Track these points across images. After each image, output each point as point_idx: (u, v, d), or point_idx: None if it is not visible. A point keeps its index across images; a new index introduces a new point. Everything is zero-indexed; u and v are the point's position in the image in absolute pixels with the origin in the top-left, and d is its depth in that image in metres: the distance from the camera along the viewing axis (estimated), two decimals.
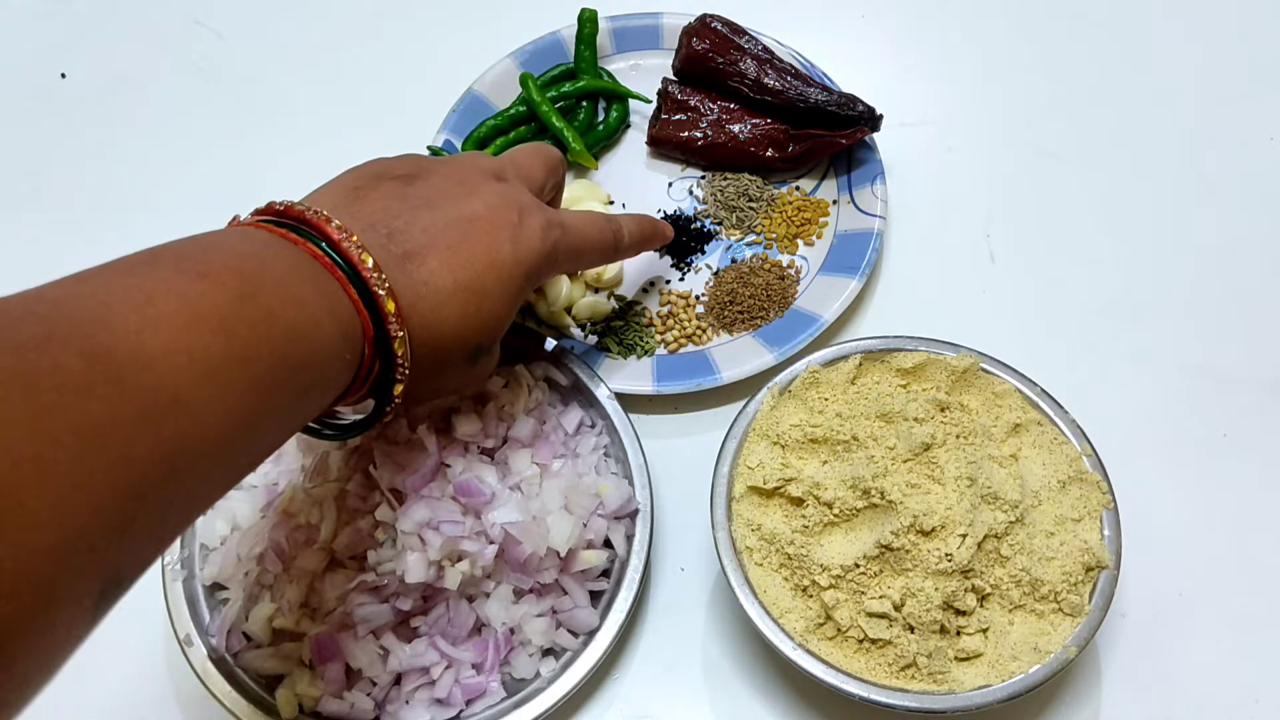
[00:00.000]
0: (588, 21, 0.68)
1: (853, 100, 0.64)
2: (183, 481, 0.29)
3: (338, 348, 0.36)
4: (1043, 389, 0.50)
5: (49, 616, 0.25)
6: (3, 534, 0.23)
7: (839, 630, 0.45)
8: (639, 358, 0.59)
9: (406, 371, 0.39)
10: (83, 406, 0.26)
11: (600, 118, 0.68)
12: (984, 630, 0.45)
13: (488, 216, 0.42)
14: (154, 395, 0.28)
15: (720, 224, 0.64)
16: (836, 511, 0.46)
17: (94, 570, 0.26)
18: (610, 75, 0.69)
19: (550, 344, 0.55)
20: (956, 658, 0.45)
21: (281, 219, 0.37)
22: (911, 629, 0.44)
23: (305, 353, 0.34)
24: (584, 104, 0.68)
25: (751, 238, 0.64)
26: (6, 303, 0.28)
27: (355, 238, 0.37)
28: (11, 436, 0.24)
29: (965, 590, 0.44)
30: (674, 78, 0.68)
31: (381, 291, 0.37)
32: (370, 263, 0.37)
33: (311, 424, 0.42)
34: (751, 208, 0.64)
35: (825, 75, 0.67)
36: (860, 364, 0.51)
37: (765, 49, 0.66)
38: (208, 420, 0.29)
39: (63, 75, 0.74)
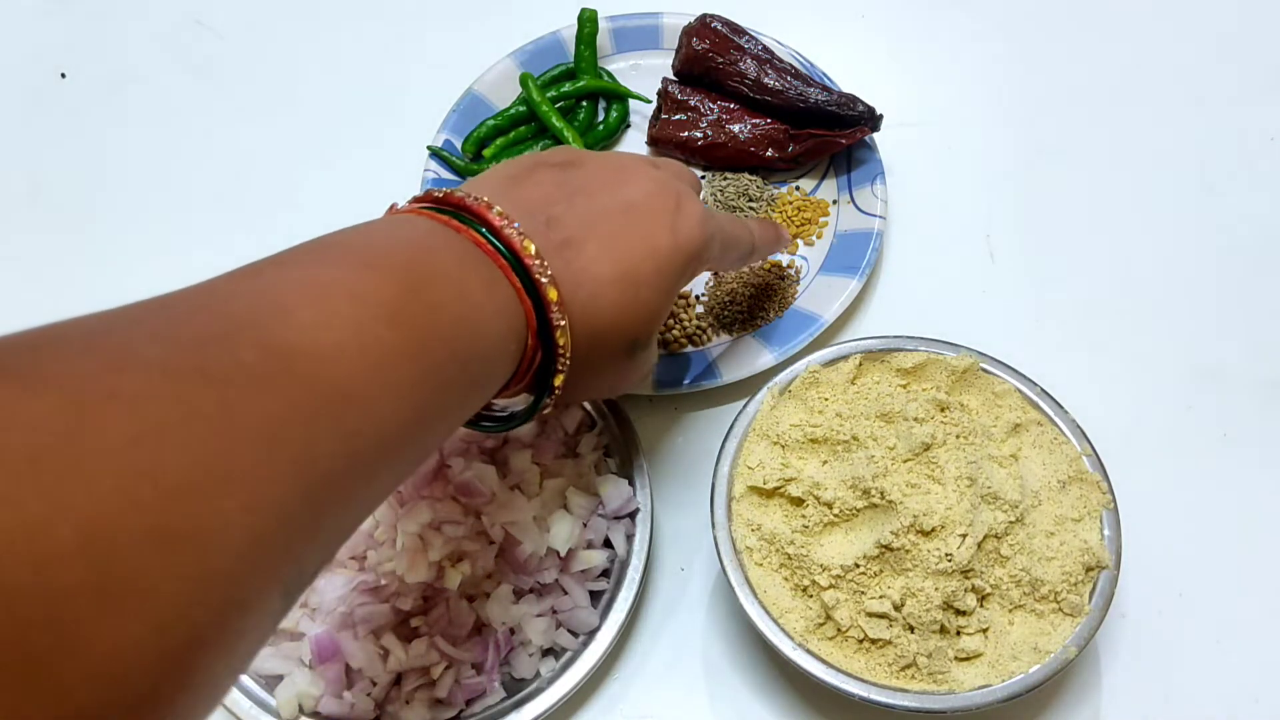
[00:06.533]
0: (588, 21, 0.68)
1: (853, 100, 0.64)
2: (359, 478, 0.28)
3: (502, 338, 0.35)
4: (1043, 389, 0.50)
5: (241, 621, 0.24)
6: (196, 537, 0.22)
7: (839, 630, 0.45)
8: None
9: (568, 361, 0.38)
10: (263, 402, 0.24)
11: (600, 118, 0.68)
12: (984, 630, 0.45)
13: (645, 204, 0.41)
14: (331, 390, 0.27)
15: None
16: (836, 511, 0.46)
17: (281, 571, 0.25)
18: (610, 75, 0.69)
19: None
20: (956, 658, 0.45)
21: (441, 205, 0.37)
22: (911, 629, 0.44)
23: (471, 345, 0.33)
24: (584, 104, 0.68)
25: None
26: (179, 298, 0.27)
27: (517, 224, 0.36)
28: (201, 431, 0.22)
29: (965, 590, 0.44)
30: (674, 78, 0.68)
31: (544, 279, 0.36)
32: (533, 250, 0.36)
33: None
34: (751, 208, 0.64)
35: (825, 75, 0.67)
36: (860, 364, 0.51)
37: (765, 49, 0.66)
38: (381, 417, 0.28)
39: (63, 75, 0.74)
